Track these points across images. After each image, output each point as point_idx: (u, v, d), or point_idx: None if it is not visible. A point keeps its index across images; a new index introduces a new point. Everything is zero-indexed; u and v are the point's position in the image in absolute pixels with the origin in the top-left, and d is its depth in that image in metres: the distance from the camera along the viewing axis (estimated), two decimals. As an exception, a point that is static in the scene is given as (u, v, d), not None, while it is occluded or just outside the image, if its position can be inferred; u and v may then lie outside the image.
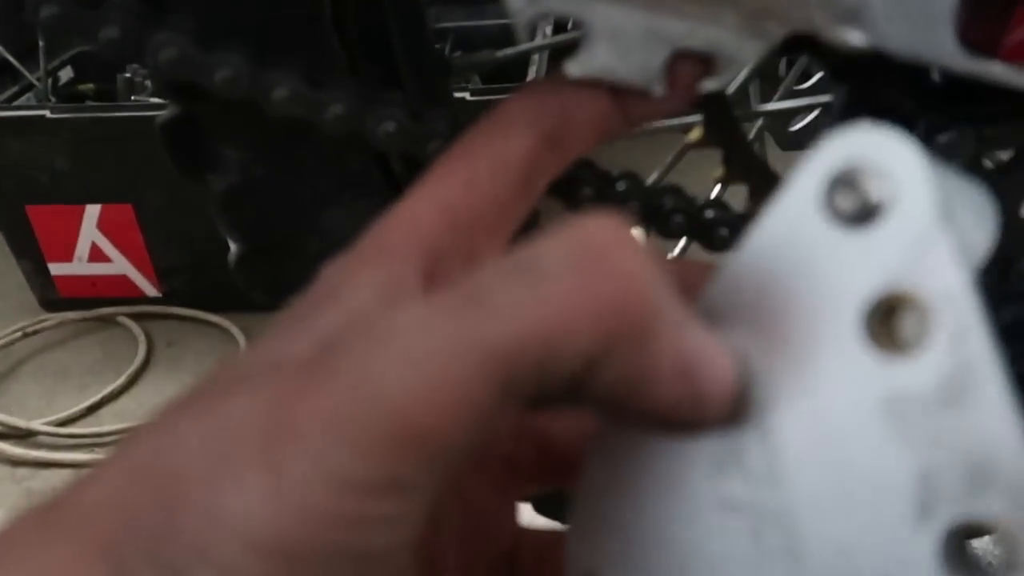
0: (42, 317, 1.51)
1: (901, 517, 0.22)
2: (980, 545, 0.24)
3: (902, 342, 0.22)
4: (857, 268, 0.22)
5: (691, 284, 0.24)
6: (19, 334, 1.46)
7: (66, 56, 1.59)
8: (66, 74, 1.61)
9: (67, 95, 1.57)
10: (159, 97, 0.48)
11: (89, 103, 1.56)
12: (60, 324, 1.50)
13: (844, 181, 0.22)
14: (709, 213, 0.46)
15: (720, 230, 0.46)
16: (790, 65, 0.64)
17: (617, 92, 0.32)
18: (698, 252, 0.48)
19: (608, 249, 0.22)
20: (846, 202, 0.22)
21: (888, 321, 0.22)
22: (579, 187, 0.46)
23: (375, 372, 0.21)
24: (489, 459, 0.31)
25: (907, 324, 0.22)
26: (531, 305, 0.21)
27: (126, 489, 0.22)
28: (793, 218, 0.23)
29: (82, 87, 1.61)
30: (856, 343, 0.22)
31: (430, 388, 0.21)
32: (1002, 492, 0.21)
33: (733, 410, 0.23)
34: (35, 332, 1.47)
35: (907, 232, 0.21)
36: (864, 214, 0.22)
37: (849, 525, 0.22)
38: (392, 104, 0.45)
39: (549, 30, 1.17)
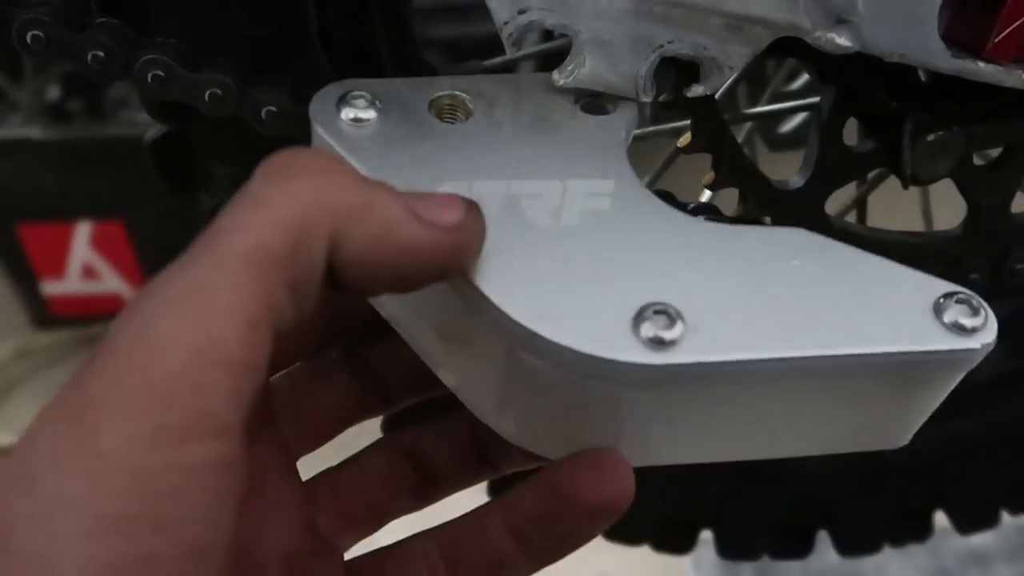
0: (35, 336, 1.50)
1: None
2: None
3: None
4: None
5: None
6: (12, 354, 1.45)
7: (53, 74, 1.59)
8: (53, 92, 1.60)
9: (55, 113, 1.57)
10: (148, 116, 0.48)
11: (77, 121, 1.55)
12: (53, 343, 1.50)
13: None
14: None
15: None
16: (777, 66, 0.64)
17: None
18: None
19: (298, 161, 0.27)
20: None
21: None
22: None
23: (149, 328, 0.23)
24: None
25: None
26: (257, 218, 0.25)
27: None
28: None
29: (70, 105, 1.60)
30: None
31: (208, 316, 0.23)
32: None
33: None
34: (28, 352, 1.47)
35: None
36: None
37: None
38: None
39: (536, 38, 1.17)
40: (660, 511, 0.61)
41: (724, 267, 0.28)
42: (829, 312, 0.27)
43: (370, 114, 0.32)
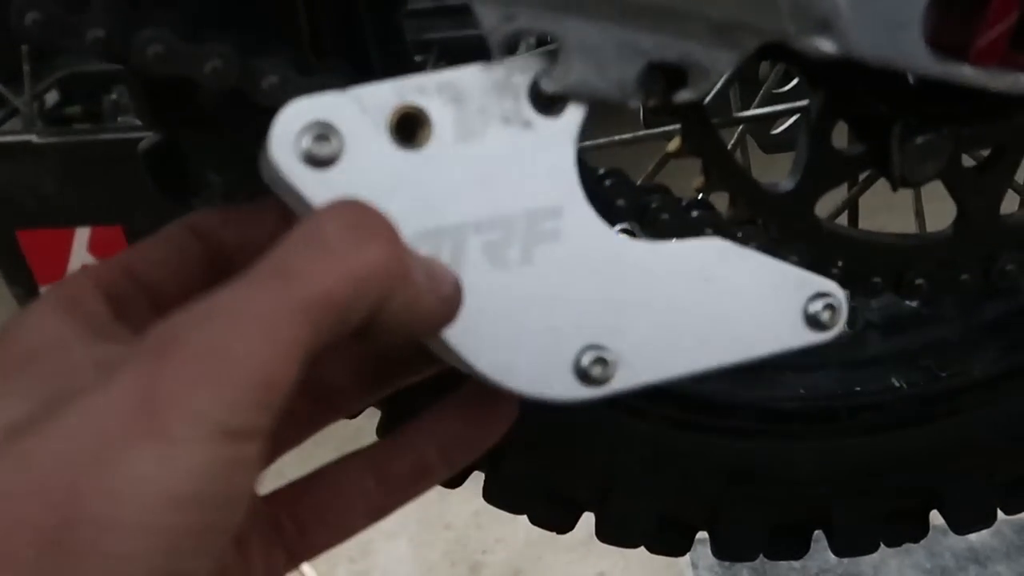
0: (35, 341, 1.50)
1: None
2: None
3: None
4: None
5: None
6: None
7: (51, 80, 1.59)
8: (52, 98, 1.61)
9: (54, 119, 1.57)
10: (140, 123, 0.48)
11: (76, 126, 1.56)
12: (54, 348, 1.50)
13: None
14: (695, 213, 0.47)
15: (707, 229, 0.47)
16: (772, 68, 0.64)
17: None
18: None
19: (369, 220, 0.30)
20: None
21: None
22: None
23: (222, 342, 0.27)
24: None
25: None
26: (328, 266, 0.28)
27: None
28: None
29: (68, 110, 1.60)
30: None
31: (271, 345, 0.27)
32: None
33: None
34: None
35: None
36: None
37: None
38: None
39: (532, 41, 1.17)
40: (656, 512, 0.61)
41: (648, 294, 0.36)
42: (725, 324, 0.36)
43: (330, 148, 0.32)
